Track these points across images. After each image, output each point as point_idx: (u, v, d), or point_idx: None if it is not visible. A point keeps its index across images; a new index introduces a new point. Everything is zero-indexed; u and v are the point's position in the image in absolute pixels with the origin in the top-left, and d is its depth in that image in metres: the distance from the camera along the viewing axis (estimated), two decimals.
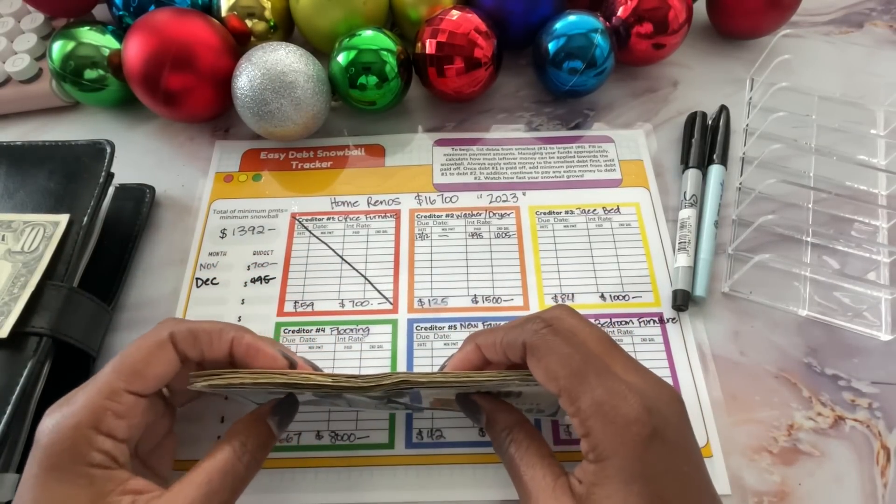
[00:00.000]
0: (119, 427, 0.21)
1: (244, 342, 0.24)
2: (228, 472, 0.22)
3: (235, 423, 0.24)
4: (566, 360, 0.21)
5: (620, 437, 0.20)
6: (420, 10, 0.39)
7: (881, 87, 0.40)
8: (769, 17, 0.40)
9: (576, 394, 0.21)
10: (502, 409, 0.25)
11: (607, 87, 0.40)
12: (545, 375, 0.22)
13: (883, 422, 0.29)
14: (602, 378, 0.21)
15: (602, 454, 0.20)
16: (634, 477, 0.19)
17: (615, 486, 0.20)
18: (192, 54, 0.35)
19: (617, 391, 0.20)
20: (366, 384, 0.22)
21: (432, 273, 0.33)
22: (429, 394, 0.25)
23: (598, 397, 0.20)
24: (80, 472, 0.20)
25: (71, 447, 0.20)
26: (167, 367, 0.23)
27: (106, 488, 0.20)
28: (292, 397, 0.25)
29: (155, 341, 0.23)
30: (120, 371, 0.22)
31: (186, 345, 0.23)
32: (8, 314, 0.27)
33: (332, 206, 0.36)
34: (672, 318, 0.32)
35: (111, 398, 0.21)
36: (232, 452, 0.22)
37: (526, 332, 0.22)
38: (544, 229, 0.35)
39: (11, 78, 0.39)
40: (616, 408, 0.20)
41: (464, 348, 0.25)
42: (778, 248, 0.34)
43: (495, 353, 0.24)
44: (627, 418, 0.20)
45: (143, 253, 0.35)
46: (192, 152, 0.39)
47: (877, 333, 0.31)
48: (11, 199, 0.31)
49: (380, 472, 0.28)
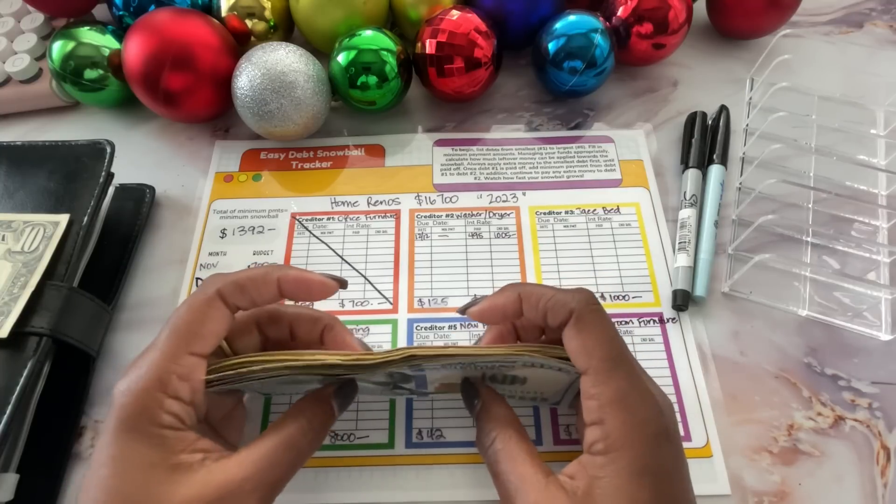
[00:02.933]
0: (184, 389, 0.22)
1: (290, 278, 0.25)
2: (293, 445, 0.22)
3: (299, 401, 0.24)
4: (608, 343, 0.22)
5: (636, 430, 0.20)
6: (420, 10, 0.39)
7: (881, 87, 0.40)
8: (769, 17, 0.40)
9: (603, 378, 0.21)
10: (498, 402, 0.25)
11: (607, 87, 0.40)
12: (581, 349, 0.22)
13: (883, 422, 0.29)
14: (629, 372, 0.22)
15: (613, 445, 0.20)
16: (644, 470, 0.20)
17: (624, 477, 0.20)
18: (192, 54, 0.35)
19: (638, 387, 0.21)
20: (374, 361, 0.22)
21: (432, 273, 0.33)
22: (434, 378, 0.25)
23: (623, 388, 0.21)
24: (153, 433, 0.21)
25: (143, 410, 0.21)
26: (221, 322, 0.23)
27: (177, 447, 0.21)
28: (352, 382, 0.25)
29: (204, 300, 0.23)
30: (178, 334, 0.22)
31: (235, 297, 0.24)
32: (8, 314, 0.27)
33: (332, 206, 0.36)
34: (672, 318, 0.32)
35: (174, 361, 0.21)
36: (298, 428, 0.23)
37: (577, 300, 0.22)
38: (544, 229, 0.35)
39: (11, 78, 0.39)
40: (637, 403, 0.21)
41: (503, 293, 0.25)
42: (778, 248, 0.34)
43: (535, 310, 0.24)
44: (645, 415, 0.21)
45: (143, 253, 0.35)
46: (192, 152, 0.39)
47: (877, 333, 0.31)
48: (11, 199, 0.31)
49: (380, 472, 0.28)
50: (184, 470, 0.20)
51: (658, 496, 0.20)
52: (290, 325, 0.26)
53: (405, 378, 0.24)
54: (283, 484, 0.22)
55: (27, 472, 0.27)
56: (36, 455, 0.28)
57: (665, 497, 0.20)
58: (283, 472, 0.22)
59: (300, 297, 0.26)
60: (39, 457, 0.28)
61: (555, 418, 0.29)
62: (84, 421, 0.29)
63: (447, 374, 0.25)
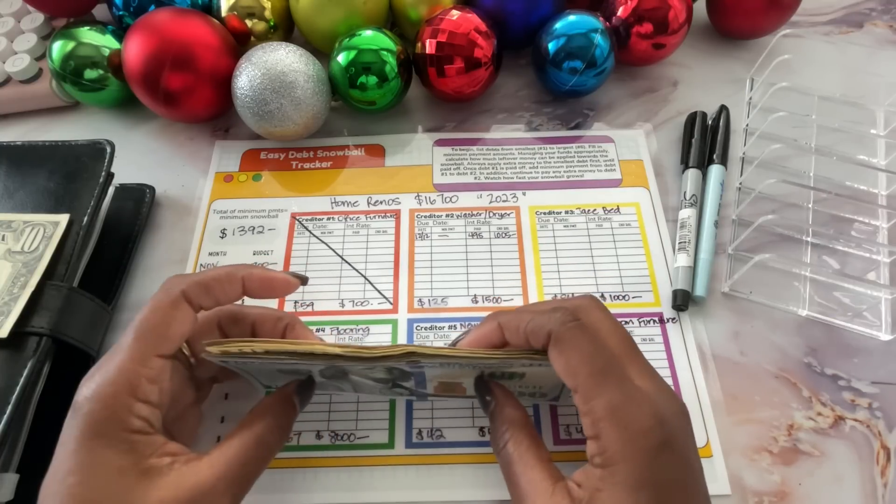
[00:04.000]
0: (153, 392, 0.22)
1: (255, 276, 0.25)
2: (262, 442, 0.23)
3: (264, 400, 0.25)
4: (588, 359, 0.21)
5: (632, 443, 0.20)
6: (420, 10, 0.39)
7: (881, 87, 0.40)
8: (769, 17, 0.40)
9: (592, 394, 0.21)
10: (511, 404, 0.25)
11: (607, 87, 0.40)
12: (565, 369, 0.22)
13: (883, 422, 0.29)
14: (620, 383, 0.21)
15: (610, 459, 0.20)
16: (642, 484, 0.19)
17: (622, 492, 0.20)
18: (192, 54, 0.35)
19: (632, 398, 0.21)
20: (374, 355, 0.22)
21: (432, 273, 0.33)
22: (433, 376, 0.25)
23: (613, 401, 0.20)
24: (122, 438, 0.20)
25: (112, 415, 0.20)
26: (186, 324, 0.23)
27: (147, 452, 0.21)
28: (309, 379, 0.26)
29: (169, 301, 0.23)
30: (145, 336, 0.22)
31: (200, 297, 0.24)
32: (8, 314, 0.27)
33: (332, 206, 0.36)
34: (672, 318, 0.32)
35: (143, 364, 0.21)
36: (266, 426, 0.23)
37: (553, 321, 0.22)
38: (544, 229, 0.35)
39: (11, 78, 0.39)
40: (630, 414, 0.20)
41: (485, 325, 0.25)
42: (778, 248, 0.34)
43: (517, 336, 0.23)
44: (640, 426, 0.20)
45: (143, 253, 0.35)
46: (192, 152, 0.39)
47: (877, 333, 0.31)
48: (11, 199, 0.31)
49: (380, 472, 0.28)
50: (154, 474, 0.20)
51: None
52: (253, 325, 0.26)
53: (404, 375, 0.24)
54: (253, 480, 0.23)
55: (27, 472, 0.27)
56: (36, 455, 0.27)
57: None
58: (254, 469, 0.23)
59: (264, 296, 0.26)
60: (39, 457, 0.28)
61: (555, 418, 0.29)
62: None
63: (446, 371, 0.25)
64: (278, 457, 0.27)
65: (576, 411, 0.29)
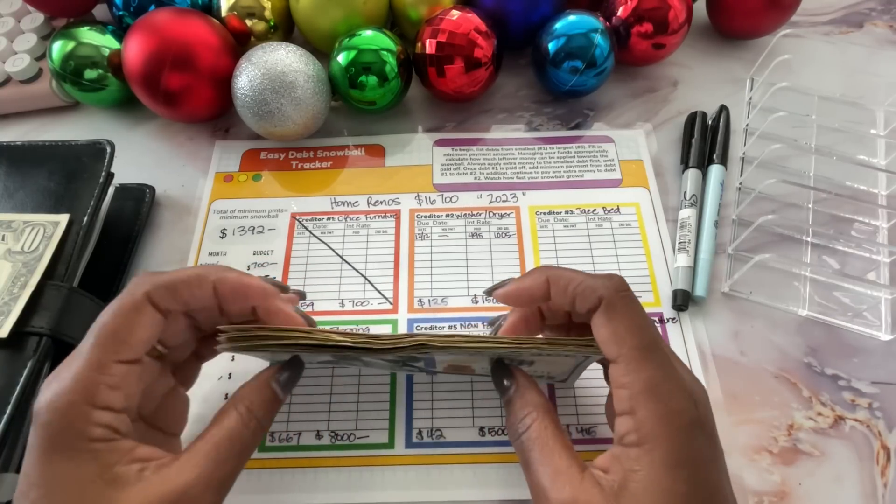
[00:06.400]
0: (115, 398, 0.20)
1: (229, 283, 0.23)
2: (235, 438, 0.21)
3: (240, 388, 0.23)
4: (639, 331, 0.21)
5: (669, 421, 0.20)
6: (420, 10, 0.39)
7: (881, 87, 0.40)
8: (769, 17, 0.40)
9: (636, 366, 0.20)
10: (534, 389, 0.24)
11: (607, 87, 0.40)
12: (611, 337, 0.21)
13: (883, 422, 0.29)
14: (663, 360, 0.21)
15: (646, 436, 0.19)
16: (681, 462, 0.19)
17: (660, 470, 0.19)
18: (192, 54, 0.35)
19: (672, 376, 0.20)
20: (384, 346, 0.22)
21: (432, 273, 0.33)
22: (443, 360, 0.25)
23: (655, 377, 0.20)
24: (83, 448, 0.19)
25: (69, 426, 0.19)
26: (150, 329, 0.22)
27: (111, 460, 0.19)
28: (297, 359, 0.24)
29: (131, 304, 0.21)
30: (103, 342, 0.21)
31: (166, 300, 0.22)
32: (8, 314, 0.27)
33: (332, 206, 0.36)
34: (672, 318, 0.32)
35: (101, 371, 0.20)
36: (238, 419, 0.22)
37: (606, 287, 0.22)
38: (544, 229, 0.35)
39: (11, 78, 0.39)
40: (670, 392, 0.20)
41: (532, 276, 0.24)
42: (778, 248, 0.34)
43: (563, 294, 0.23)
44: (679, 404, 0.20)
45: (143, 253, 0.35)
46: (192, 152, 0.39)
47: (877, 333, 0.31)
48: (11, 199, 0.31)
49: (380, 472, 0.28)
50: (122, 484, 0.19)
51: (696, 488, 0.19)
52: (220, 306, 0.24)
53: (414, 358, 0.24)
54: (233, 478, 0.22)
55: None
56: None
57: (702, 489, 0.19)
58: (231, 467, 0.21)
59: (237, 303, 0.24)
60: None
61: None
62: None
63: (456, 357, 0.24)
64: (278, 457, 0.28)
65: (576, 411, 0.29)
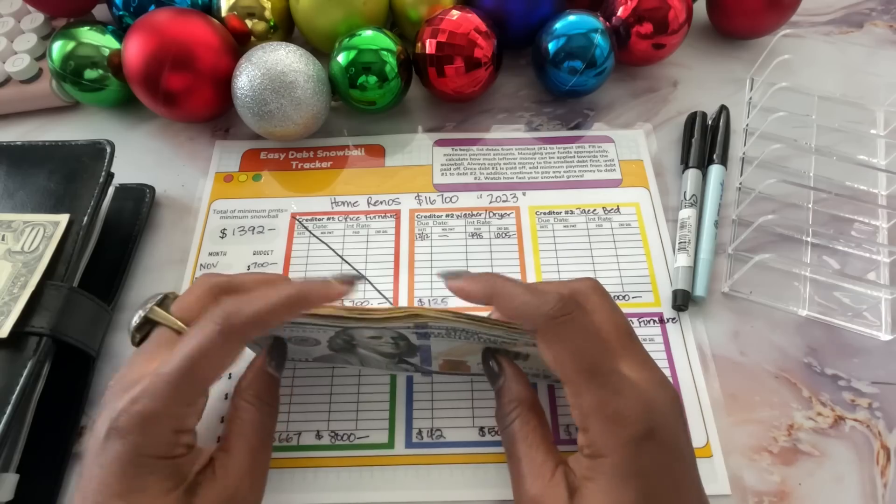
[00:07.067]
0: (194, 420, 0.22)
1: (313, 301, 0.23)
2: (258, 426, 0.24)
3: (240, 381, 0.25)
4: (576, 356, 0.21)
5: (617, 436, 0.20)
6: (420, 10, 0.39)
7: (881, 87, 0.40)
8: (769, 17, 0.40)
9: (579, 390, 0.21)
10: (521, 381, 0.25)
11: (607, 87, 0.40)
12: (552, 362, 0.22)
13: (883, 422, 0.29)
14: (607, 379, 0.21)
15: (598, 451, 0.21)
16: (628, 475, 0.20)
17: (609, 482, 0.20)
18: (192, 54, 0.35)
19: (620, 391, 0.21)
20: (380, 316, 0.22)
21: (432, 273, 0.33)
22: (439, 353, 0.25)
23: (600, 397, 0.21)
24: (167, 465, 0.21)
25: (156, 447, 0.21)
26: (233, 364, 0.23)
27: (188, 469, 0.21)
28: (279, 340, 0.26)
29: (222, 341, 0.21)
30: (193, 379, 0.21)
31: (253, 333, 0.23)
32: (8, 314, 0.27)
33: (332, 206, 0.36)
34: (672, 318, 0.32)
35: (189, 404, 0.22)
36: (253, 408, 0.24)
37: (544, 310, 0.21)
38: (544, 229, 0.35)
39: (11, 78, 0.39)
40: (616, 409, 0.20)
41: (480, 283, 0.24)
42: (778, 248, 0.34)
43: (508, 309, 0.23)
44: (625, 419, 0.20)
45: (143, 253, 0.35)
46: (192, 152, 0.39)
47: (877, 333, 0.31)
48: (11, 199, 0.31)
49: (380, 472, 0.28)
50: (197, 488, 0.21)
51: (646, 499, 0.20)
52: None
53: (411, 350, 0.24)
54: (267, 464, 0.24)
55: (27, 472, 0.27)
56: (36, 455, 0.28)
57: (653, 499, 0.20)
58: (266, 455, 0.24)
59: None
60: (39, 457, 0.28)
61: (555, 418, 0.29)
62: (84, 421, 0.29)
63: (452, 346, 0.24)
64: (278, 457, 0.28)
65: None
